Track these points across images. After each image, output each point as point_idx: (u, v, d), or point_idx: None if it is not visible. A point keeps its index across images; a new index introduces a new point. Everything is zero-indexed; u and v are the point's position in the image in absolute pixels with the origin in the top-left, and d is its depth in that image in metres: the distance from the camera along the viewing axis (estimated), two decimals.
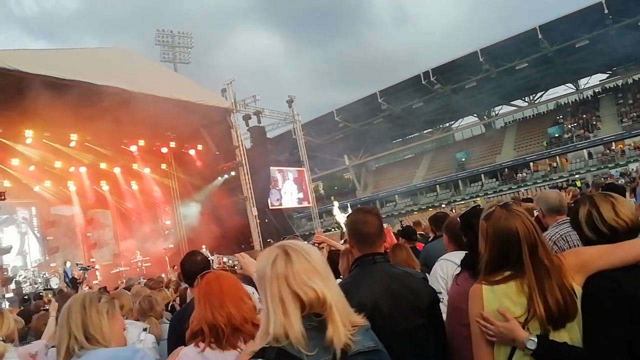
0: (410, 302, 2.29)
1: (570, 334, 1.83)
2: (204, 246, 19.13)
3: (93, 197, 21.25)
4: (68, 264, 17.41)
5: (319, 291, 1.49)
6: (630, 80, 43.39)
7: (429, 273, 3.60)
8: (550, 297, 1.81)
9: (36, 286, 15.95)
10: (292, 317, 1.46)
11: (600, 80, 45.48)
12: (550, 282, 1.84)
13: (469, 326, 2.12)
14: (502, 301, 1.88)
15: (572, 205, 2.18)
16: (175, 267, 16.87)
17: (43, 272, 17.23)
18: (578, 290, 1.85)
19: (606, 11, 32.48)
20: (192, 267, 3.28)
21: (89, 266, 18.69)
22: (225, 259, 2.93)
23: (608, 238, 1.96)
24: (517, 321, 1.83)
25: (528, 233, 1.91)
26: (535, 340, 1.79)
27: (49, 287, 15.72)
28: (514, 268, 1.91)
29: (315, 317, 1.50)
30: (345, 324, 1.52)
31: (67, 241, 21.22)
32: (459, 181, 46.51)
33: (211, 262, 2.96)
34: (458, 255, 3.39)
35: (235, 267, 2.91)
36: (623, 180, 27.99)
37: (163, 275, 16.75)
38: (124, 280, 13.08)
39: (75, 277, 16.75)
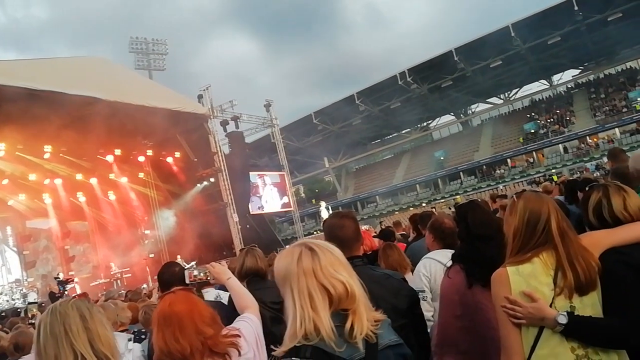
0: (391, 303, 2.28)
1: (594, 310, 1.91)
2: (178, 256, 18.98)
3: (70, 209, 20.87)
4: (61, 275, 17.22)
5: (347, 283, 1.52)
6: (601, 75, 44.26)
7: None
8: (577, 264, 1.91)
9: (13, 302, 15.60)
10: (321, 312, 1.47)
11: (572, 76, 46.28)
12: (575, 250, 1.95)
13: (461, 318, 2.19)
14: (529, 282, 1.93)
15: (587, 189, 2.28)
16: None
17: (20, 288, 16.88)
18: (597, 265, 1.97)
19: (576, 8, 33.03)
20: (171, 279, 3.23)
21: (68, 280, 18.34)
22: (195, 272, 2.87)
23: (610, 227, 2.10)
24: (543, 301, 1.88)
25: (555, 209, 2.02)
26: (565, 315, 1.84)
27: (26, 302, 15.38)
28: (540, 243, 1.98)
29: (342, 312, 1.51)
30: (369, 318, 1.54)
31: (44, 255, 20.82)
32: (439, 180, 46.85)
33: (185, 275, 2.89)
34: (442, 254, 3.40)
35: (208, 279, 2.85)
36: (598, 173, 28.53)
37: (144, 286, 16.55)
38: (104, 293, 12.85)
39: (54, 291, 16.42)
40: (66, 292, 17.18)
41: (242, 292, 2.55)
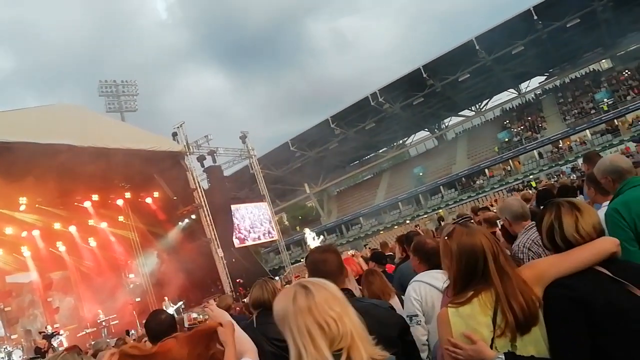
0: (380, 334, 2.24)
1: (537, 348, 1.86)
2: (166, 298, 18.65)
3: (50, 260, 20.42)
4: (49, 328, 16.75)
5: (338, 321, 1.51)
6: (567, 80, 45.47)
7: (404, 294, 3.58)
8: (514, 302, 1.86)
9: None
10: (324, 351, 1.46)
11: (539, 83, 47.43)
12: (513, 288, 1.89)
13: None
14: (468, 323, 1.90)
15: (541, 209, 2.19)
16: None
17: (4, 346, 16.33)
18: (539, 300, 1.90)
19: (535, 17, 34.16)
20: (158, 327, 3.16)
21: (54, 332, 17.83)
22: (194, 315, 2.82)
23: (562, 251, 2.00)
24: (483, 342, 1.85)
25: (490, 244, 1.97)
26: (503, 357, 1.81)
27: None
28: (480, 283, 1.94)
29: (336, 353, 1.49)
30: (369, 353, 1.54)
31: (30, 311, 20.25)
32: (420, 195, 47.13)
33: (183, 319, 2.84)
34: (430, 275, 3.39)
35: (207, 321, 2.79)
36: (575, 175, 29.06)
37: (133, 332, 16.18)
38: (92, 344, 12.50)
39: (40, 346, 15.92)
40: (53, 346, 16.70)
41: (241, 336, 2.50)
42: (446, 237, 2.09)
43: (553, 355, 1.82)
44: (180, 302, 18.91)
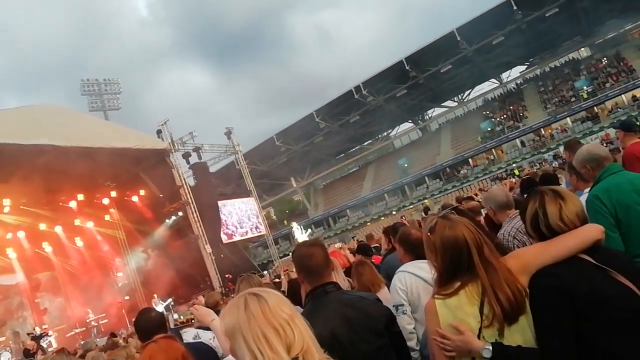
0: (367, 325, 2.32)
1: (524, 336, 1.88)
2: (155, 295, 18.61)
3: (36, 261, 20.24)
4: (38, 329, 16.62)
5: (291, 322, 1.49)
6: (547, 69, 45.95)
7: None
8: (501, 293, 1.88)
9: None
10: (282, 353, 1.43)
11: (520, 72, 47.82)
12: (499, 278, 1.91)
13: None
14: (455, 314, 1.92)
15: (525, 197, 2.20)
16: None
17: None
18: (524, 290, 1.92)
19: (515, 7, 34.45)
20: (148, 324, 3.22)
21: (42, 334, 17.71)
22: (176, 316, 2.91)
23: (547, 239, 2.01)
24: (470, 332, 1.88)
25: (473, 236, 1.97)
26: (490, 347, 1.84)
27: None
28: (466, 275, 1.96)
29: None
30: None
31: (19, 313, 20.08)
32: (405, 186, 47.38)
33: (167, 319, 2.91)
34: (415, 265, 3.48)
35: (193, 321, 2.88)
36: (557, 163, 29.46)
37: (123, 331, 16.17)
38: (82, 343, 12.49)
39: (29, 348, 15.83)
40: (42, 347, 16.61)
41: None
42: (429, 232, 2.08)
43: (539, 344, 1.85)
44: (170, 299, 18.90)
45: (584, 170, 3.46)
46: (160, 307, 16.49)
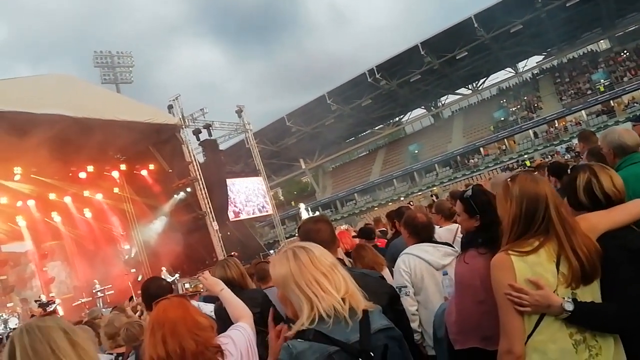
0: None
1: (593, 295, 1.94)
2: (163, 268, 18.78)
3: (45, 230, 20.47)
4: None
5: (335, 268, 1.73)
6: (564, 60, 45.25)
7: None
8: (580, 251, 1.91)
9: None
10: (334, 293, 1.65)
11: (537, 62, 47.20)
12: (577, 238, 1.94)
13: (484, 303, 2.16)
14: (534, 270, 1.91)
15: (572, 171, 2.30)
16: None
17: (0, 314, 16.48)
18: (599, 252, 1.97)
19: None
20: (158, 292, 3.11)
21: (49, 301, 17.98)
22: (187, 285, 2.91)
23: (601, 206, 2.14)
24: (549, 288, 1.89)
25: (552, 193, 2.00)
26: (572, 302, 1.86)
27: (8, 328, 15.03)
28: (539, 231, 1.95)
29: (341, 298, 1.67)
30: (364, 303, 1.73)
31: (22, 278, 20.37)
32: (414, 173, 47.24)
33: (174, 287, 2.89)
34: (419, 248, 3.47)
35: (201, 290, 2.89)
36: (569, 155, 29.18)
37: (127, 302, 16.31)
38: (88, 312, 12.66)
39: (35, 314, 16.08)
40: (48, 314, 16.87)
41: (236, 302, 2.55)
42: (509, 180, 2.08)
43: (615, 297, 1.92)
44: (177, 275, 19.09)
45: (606, 151, 3.50)
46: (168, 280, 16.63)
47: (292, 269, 1.69)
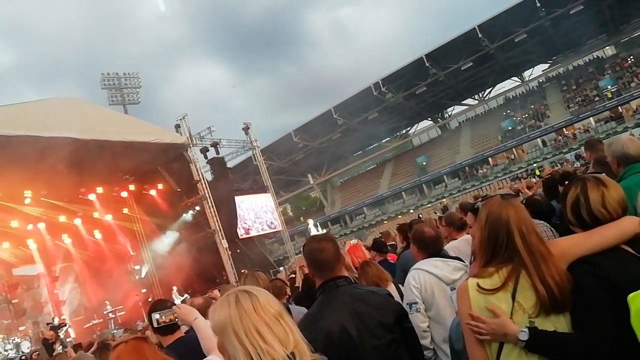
0: (377, 319, 2.31)
1: (555, 323, 1.85)
2: (174, 288, 18.73)
3: (56, 252, 20.56)
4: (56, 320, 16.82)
5: (280, 318, 1.54)
6: (570, 67, 45.14)
7: None
8: (551, 280, 1.84)
9: (6, 353, 15.25)
10: (275, 345, 1.47)
11: (543, 70, 47.10)
12: (548, 267, 1.86)
13: None
14: (487, 298, 1.88)
15: (566, 184, 2.16)
16: None
17: (12, 337, 16.50)
18: (569, 280, 1.89)
19: (538, 4, 33.83)
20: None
21: (60, 324, 17.96)
22: (159, 316, 2.88)
23: (588, 226, 1.97)
24: (506, 316, 1.85)
25: (518, 219, 1.93)
26: (527, 331, 1.81)
27: (20, 352, 15.04)
28: (503, 258, 1.92)
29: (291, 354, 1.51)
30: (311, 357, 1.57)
31: (34, 301, 20.41)
32: (423, 185, 47.09)
33: (152, 320, 2.87)
34: (430, 263, 3.42)
35: (177, 320, 2.85)
36: (578, 163, 28.96)
37: (139, 323, 16.31)
38: (99, 334, 12.63)
39: (47, 337, 16.06)
40: (60, 337, 16.83)
41: (208, 333, 2.45)
42: (482, 203, 2.09)
43: (581, 331, 1.81)
44: (186, 295, 19.03)
45: (610, 160, 3.47)
46: (178, 301, 16.58)
47: (232, 315, 1.52)
